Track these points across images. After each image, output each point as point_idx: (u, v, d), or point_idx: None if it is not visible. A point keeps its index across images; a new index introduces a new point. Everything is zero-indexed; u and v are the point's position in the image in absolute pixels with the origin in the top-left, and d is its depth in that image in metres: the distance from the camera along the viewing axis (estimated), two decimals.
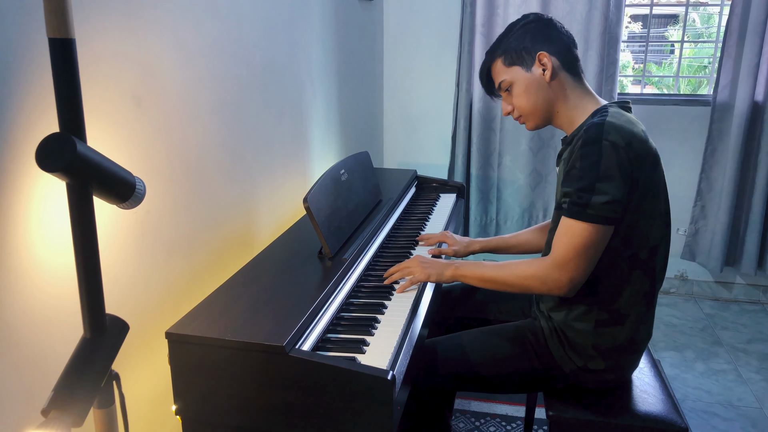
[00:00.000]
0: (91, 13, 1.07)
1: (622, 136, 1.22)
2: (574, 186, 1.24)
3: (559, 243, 1.26)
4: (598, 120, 1.26)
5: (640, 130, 1.28)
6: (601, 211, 1.21)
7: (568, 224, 1.25)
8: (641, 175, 1.25)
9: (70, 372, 0.77)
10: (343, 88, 2.49)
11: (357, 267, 1.52)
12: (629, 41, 4.27)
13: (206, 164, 1.49)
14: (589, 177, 1.22)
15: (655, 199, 1.31)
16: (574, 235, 1.24)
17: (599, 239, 1.24)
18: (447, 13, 3.08)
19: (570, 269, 1.25)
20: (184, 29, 1.36)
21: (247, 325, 1.15)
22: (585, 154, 1.23)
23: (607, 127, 1.23)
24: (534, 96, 1.39)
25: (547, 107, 1.41)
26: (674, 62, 6.82)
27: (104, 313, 0.81)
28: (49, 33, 0.71)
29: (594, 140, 1.22)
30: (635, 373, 1.50)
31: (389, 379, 1.04)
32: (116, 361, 0.85)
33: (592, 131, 1.24)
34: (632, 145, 1.22)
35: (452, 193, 2.32)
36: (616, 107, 1.34)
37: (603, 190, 1.21)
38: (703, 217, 3.00)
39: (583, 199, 1.22)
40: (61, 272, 1.02)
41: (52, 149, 0.71)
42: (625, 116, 1.29)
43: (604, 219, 1.22)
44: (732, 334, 2.79)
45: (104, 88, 1.11)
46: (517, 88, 1.41)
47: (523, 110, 1.42)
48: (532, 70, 1.38)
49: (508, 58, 1.41)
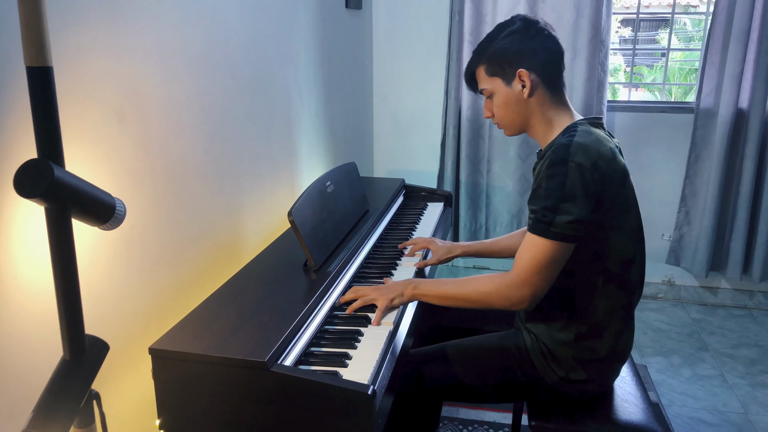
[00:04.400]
0: (75, 30, 1.08)
1: (588, 156, 1.25)
2: (539, 204, 1.28)
3: (522, 258, 1.30)
4: (566, 141, 1.29)
5: (608, 149, 1.30)
6: (564, 229, 1.25)
7: (532, 240, 1.29)
8: (608, 193, 1.28)
9: (49, 393, 0.78)
10: (331, 97, 2.51)
11: (342, 278, 1.53)
12: (619, 47, 4.30)
13: (192, 178, 1.50)
14: (554, 197, 1.26)
15: (625, 214, 1.33)
16: (537, 251, 1.28)
17: (560, 256, 1.28)
18: (435, 21, 3.11)
19: (532, 284, 1.29)
20: (169, 44, 1.37)
21: (230, 341, 1.16)
22: (551, 175, 1.27)
23: (574, 149, 1.26)
24: (511, 110, 1.43)
25: (523, 121, 1.44)
26: (664, 66, 6.88)
27: (83, 334, 0.82)
28: (27, 62, 0.73)
29: (560, 161, 1.26)
30: (617, 382, 1.52)
31: (369, 394, 1.06)
32: (99, 376, 0.86)
33: (560, 152, 1.27)
34: (598, 165, 1.25)
35: (440, 201, 2.34)
36: (586, 125, 1.36)
37: (567, 210, 1.25)
38: (687, 222, 3.03)
39: (548, 218, 1.26)
40: (43, 291, 1.03)
41: (29, 176, 0.73)
42: (593, 135, 1.31)
43: (565, 237, 1.26)
44: (718, 339, 2.82)
45: (88, 105, 1.13)
46: (496, 99, 1.44)
47: (501, 120, 1.46)
48: (512, 85, 1.40)
49: (491, 68, 1.43)
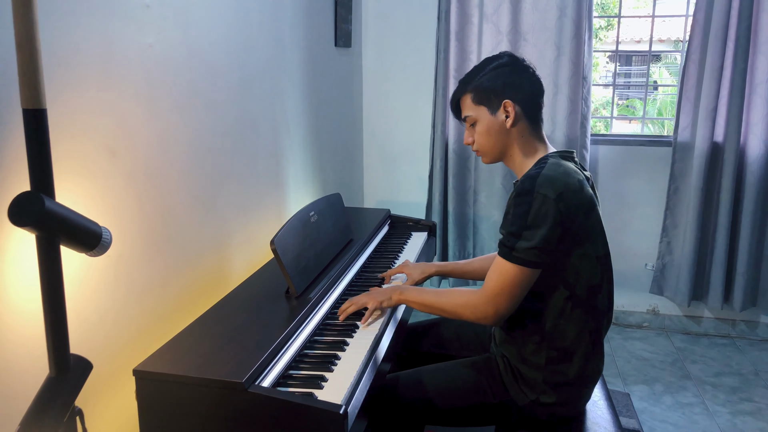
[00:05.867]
0: (68, 70, 1.17)
1: (554, 188, 1.33)
2: (505, 229, 1.38)
3: (489, 279, 1.40)
4: (534, 172, 1.37)
5: (576, 180, 1.38)
6: (525, 255, 1.33)
7: (499, 262, 1.38)
8: (573, 222, 1.35)
9: (35, 408, 0.84)
10: (320, 132, 2.61)
11: (323, 305, 1.60)
12: (609, 83, 4.44)
13: (179, 210, 1.58)
14: (518, 224, 1.34)
15: (591, 243, 1.40)
16: (501, 273, 1.37)
17: (522, 280, 1.36)
18: (422, 58, 3.23)
19: (496, 303, 1.37)
20: (159, 84, 1.46)
21: (210, 362, 1.22)
22: (517, 203, 1.36)
23: (540, 180, 1.34)
24: (493, 138, 1.50)
25: (503, 150, 1.52)
26: (657, 98, 7.05)
27: (68, 353, 0.88)
28: (23, 104, 0.81)
29: (527, 192, 1.34)
30: (589, 406, 1.57)
31: (341, 414, 1.11)
32: (84, 397, 0.92)
33: (526, 183, 1.36)
34: (563, 196, 1.33)
35: (424, 231, 2.41)
36: (556, 157, 1.44)
37: (528, 237, 1.33)
38: (669, 252, 3.11)
39: (510, 242, 1.35)
40: (31, 315, 1.10)
41: (22, 206, 0.80)
42: (562, 167, 1.39)
43: (526, 262, 1.34)
44: (701, 367, 2.86)
45: (80, 140, 1.21)
46: (479, 127, 1.51)
47: (481, 147, 1.54)
48: (497, 114, 1.49)
49: (477, 97, 1.51)
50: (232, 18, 1.81)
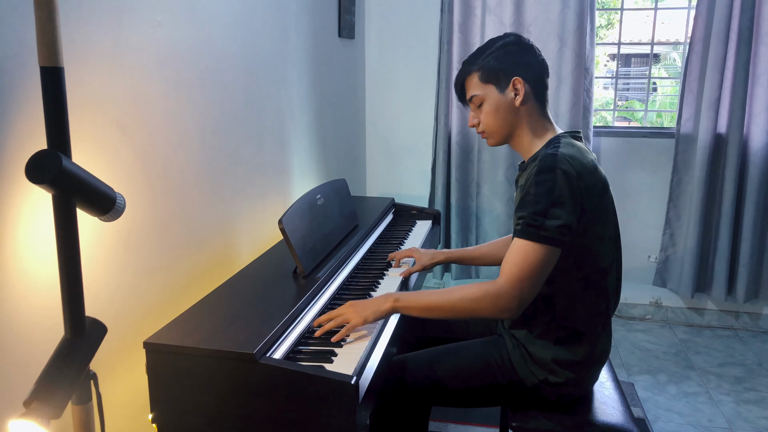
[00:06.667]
0: (80, 44, 1.17)
1: (573, 166, 1.32)
2: (528, 210, 1.32)
3: (510, 264, 1.33)
4: (552, 150, 1.36)
5: (590, 160, 1.38)
6: (554, 233, 1.30)
7: (521, 245, 1.32)
8: (590, 202, 1.34)
9: (51, 367, 0.84)
10: (324, 122, 2.61)
11: (331, 285, 1.60)
12: (610, 82, 4.46)
13: (187, 188, 1.58)
14: (544, 202, 1.31)
15: (604, 224, 1.40)
16: (527, 256, 1.31)
17: (548, 261, 1.31)
18: (425, 50, 3.24)
19: (521, 289, 1.30)
20: (168, 63, 1.46)
21: (221, 335, 1.22)
22: (540, 181, 1.32)
23: (560, 158, 1.33)
24: (502, 117, 1.48)
25: (511, 130, 1.49)
26: (656, 99, 7.07)
27: (84, 314, 0.88)
28: (41, 62, 0.81)
29: (549, 168, 1.32)
30: (596, 386, 1.57)
31: (353, 384, 1.11)
32: (96, 368, 0.92)
33: (548, 160, 1.33)
34: (582, 175, 1.33)
35: (428, 219, 2.41)
36: (568, 137, 1.44)
37: (556, 214, 1.30)
38: (672, 244, 3.11)
39: (538, 222, 1.30)
40: (45, 283, 1.10)
41: (40, 163, 0.80)
42: (576, 147, 1.39)
43: (555, 241, 1.30)
44: (705, 358, 2.86)
45: (91, 114, 1.21)
46: (487, 106, 1.48)
47: (487, 127, 1.50)
48: (506, 92, 1.46)
49: (485, 75, 1.47)
50: (239, 5, 1.81)
